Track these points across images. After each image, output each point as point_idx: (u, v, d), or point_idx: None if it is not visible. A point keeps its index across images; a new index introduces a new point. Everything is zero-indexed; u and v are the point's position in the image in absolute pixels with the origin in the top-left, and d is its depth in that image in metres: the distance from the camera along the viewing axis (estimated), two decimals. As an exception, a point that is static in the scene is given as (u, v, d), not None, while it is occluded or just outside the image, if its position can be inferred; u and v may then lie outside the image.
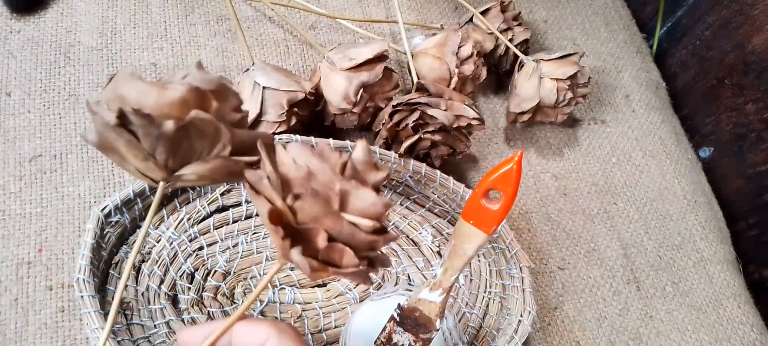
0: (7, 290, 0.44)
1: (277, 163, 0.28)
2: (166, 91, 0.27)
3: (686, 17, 0.69)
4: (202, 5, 0.60)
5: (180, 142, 0.28)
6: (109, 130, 0.28)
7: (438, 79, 0.55)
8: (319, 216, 0.27)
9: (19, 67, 0.52)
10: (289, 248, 0.26)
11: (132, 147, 0.28)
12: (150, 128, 0.27)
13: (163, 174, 0.30)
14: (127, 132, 0.28)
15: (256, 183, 0.27)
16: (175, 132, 0.27)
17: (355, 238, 0.27)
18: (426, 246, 0.52)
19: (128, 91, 0.27)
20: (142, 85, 0.27)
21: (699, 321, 0.55)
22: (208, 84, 0.28)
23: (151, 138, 0.28)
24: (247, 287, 0.47)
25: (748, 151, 0.62)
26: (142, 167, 0.29)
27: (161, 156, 0.28)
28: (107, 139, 0.29)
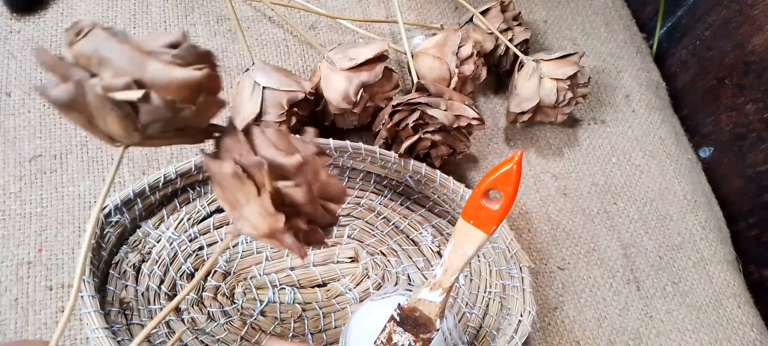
0: (7, 290, 0.44)
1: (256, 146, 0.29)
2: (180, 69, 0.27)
3: (686, 17, 0.69)
4: (202, 5, 0.60)
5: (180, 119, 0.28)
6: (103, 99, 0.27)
7: (438, 79, 0.55)
8: (303, 204, 0.29)
9: (19, 67, 0.52)
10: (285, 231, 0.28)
11: (123, 119, 0.27)
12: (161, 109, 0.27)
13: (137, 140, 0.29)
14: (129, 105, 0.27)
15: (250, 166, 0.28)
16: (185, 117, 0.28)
17: (322, 217, 0.31)
18: (426, 246, 0.52)
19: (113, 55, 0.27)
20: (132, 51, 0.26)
21: (699, 321, 0.55)
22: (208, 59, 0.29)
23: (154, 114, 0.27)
24: (247, 287, 0.47)
25: (748, 151, 0.62)
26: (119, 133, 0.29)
27: (152, 128, 0.28)
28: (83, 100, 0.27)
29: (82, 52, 0.27)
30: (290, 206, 0.30)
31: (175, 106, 0.27)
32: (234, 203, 0.30)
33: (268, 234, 0.29)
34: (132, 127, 0.28)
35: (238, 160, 0.28)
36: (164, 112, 0.27)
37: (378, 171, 0.51)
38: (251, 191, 0.28)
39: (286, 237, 0.29)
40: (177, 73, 0.27)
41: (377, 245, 0.52)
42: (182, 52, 0.28)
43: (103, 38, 0.27)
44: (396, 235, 0.53)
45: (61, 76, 0.27)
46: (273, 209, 0.28)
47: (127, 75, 0.26)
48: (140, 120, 0.28)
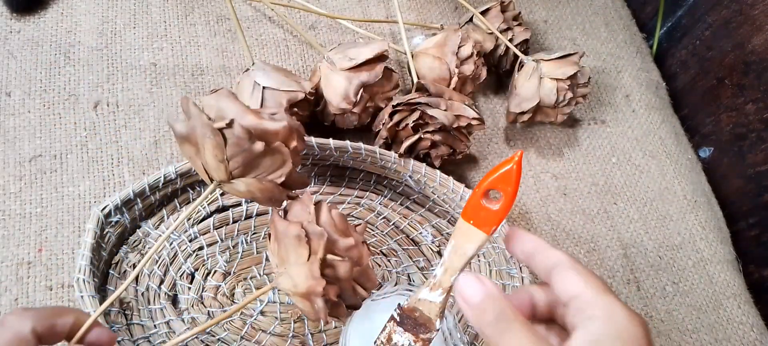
0: (7, 290, 0.44)
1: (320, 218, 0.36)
2: (267, 121, 0.36)
3: (686, 17, 0.69)
4: (202, 5, 0.60)
5: (255, 159, 0.36)
6: (206, 128, 0.35)
7: (438, 79, 0.55)
8: (343, 280, 0.36)
9: (19, 67, 0.52)
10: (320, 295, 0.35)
11: (217, 148, 0.35)
12: (243, 141, 0.35)
13: (224, 177, 0.37)
14: (221, 135, 0.35)
15: (312, 234, 0.35)
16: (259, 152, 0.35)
17: (350, 298, 0.38)
18: (426, 246, 0.52)
19: (228, 107, 0.35)
20: (241, 106, 0.36)
21: (699, 321, 0.55)
22: (295, 126, 0.37)
23: (237, 148, 0.35)
24: (247, 287, 0.47)
25: (748, 151, 0.62)
26: (212, 166, 0.36)
27: (234, 163, 0.36)
28: (194, 133, 0.35)
29: (208, 102, 0.36)
30: (330, 277, 0.35)
31: (250, 136, 0.35)
32: (284, 259, 0.36)
33: (305, 294, 0.35)
34: (220, 156, 0.35)
35: (305, 226, 0.35)
36: (244, 142, 0.35)
37: (378, 171, 0.51)
38: (304, 254, 0.34)
39: (319, 301, 0.35)
40: (263, 123, 0.36)
41: (377, 245, 0.52)
42: (276, 117, 0.37)
43: (225, 96, 0.36)
44: (396, 235, 0.53)
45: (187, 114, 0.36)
46: (319, 273, 0.34)
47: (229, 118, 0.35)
48: (227, 152, 0.35)
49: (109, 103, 0.52)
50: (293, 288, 0.36)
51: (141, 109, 0.53)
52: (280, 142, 0.36)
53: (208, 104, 0.36)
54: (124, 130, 0.51)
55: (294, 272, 0.35)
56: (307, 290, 0.35)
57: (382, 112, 0.52)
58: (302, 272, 0.34)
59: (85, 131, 0.51)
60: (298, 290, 0.35)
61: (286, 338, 0.46)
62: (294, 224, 0.35)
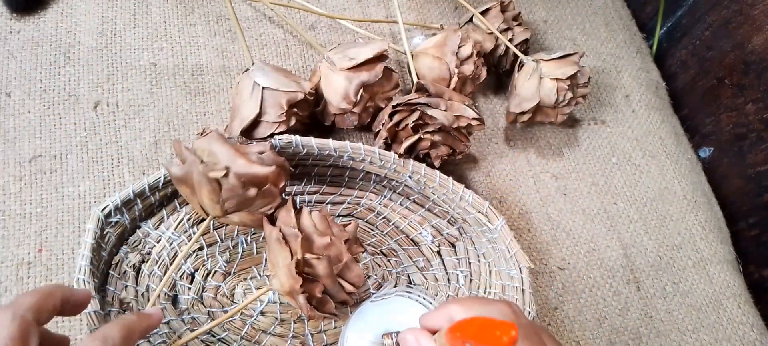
0: (7, 290, 0.44)
1: (301, 222, 0.39)
2: (258, 165, 0.39)
3: (686, 17, 0.69)
4: (202, 5, 0.60)
5: (248, 200, 0.39)
6: (202, 176, 0.38)
7: (438, 79, 0.55)
8: (322, 276, 0.38)
9: (19, 67, 0.52)
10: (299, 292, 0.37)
11: (213, 193, 0.39)
12: (237, 188, 0.38)
13: (220, 214, 0.40)
14: (216, 182, 0.38)
15: (289, 236, 0.38)
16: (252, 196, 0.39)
17: (337, 294, 0.40)
18: (426, 246, 0.52)
19: (219, 151, 0.39)
20: (231, 150, 0.39)
21: (699, 321, 0.55)
22: (280, 164, 0.41)
23: (231, 192, 0.39)
24: (247, 288, 0.47)
25: (748, 151, 0.62)
26: (208, 205, 0.40)
27: (229, 204, 0.39)
28: (191, 177, 0.39)
29: (200, 146, 0.40)
30: (312, 275, 0.38)
31: (244, 185, 0.38)
32: (274, 263, 0.39)
33: (288, 291, 0.38)
34: (216, 199, 0.39)
35: (283, 229, 0.38)
36: (238, 189, 0.38)
37: (378, 171, 0.51)
38: (286, 255, 0.37)
39: (300, 297, 0.37)
40: (253, 168, 0.39)
41: (377, 245, 0.52)
42: (264, 157, 0.41)
43: (215, 139, 0.39)
44: (396, 235, 0.53)
45: (181, 158, 0.40)
46: (294, 272, 0.36)
47: (222, 165, 0.38)
48: (222, 195, 0.39)
49: (109, 103, 0.52)
50: (281, 288, 0.38)
51: (141, 109, 0.53)
52: (270, 185, 0.39)
53: (200, 147, 0.39)
54: (124, 130, 0.52)
55: (280, 273, 0.38)
56: (289, 289, 0.37)
57: (381, 112, 0.52)
58: (284, 273, 0.37)
59: (85, 131, 0.51)
60: (284, 289, 0.38)
61: (286, 338, 0.46)
62: (275, 229, 0.38)
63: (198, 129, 0.53)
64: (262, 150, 0.42)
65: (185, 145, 0.40)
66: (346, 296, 0.40)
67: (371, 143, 0.53)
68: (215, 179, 0.38)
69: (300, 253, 0.37)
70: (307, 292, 0.38)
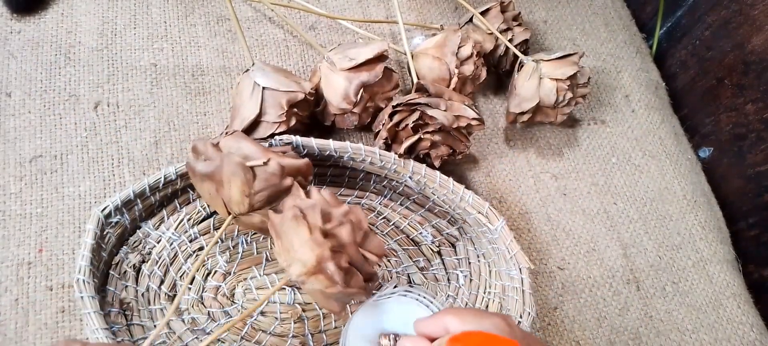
0: (8, 290, 0.44)
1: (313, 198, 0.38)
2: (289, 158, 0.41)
3: (686, 17, 0.69)
4: (202, 6, 0.60)
5: (278, 193, 0.40)
6: (238, 167, 0.38)
7: (438, 80, 0.55)
8: (347, 244, 0.37)
9: (19, 67, 0.52)
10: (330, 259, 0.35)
11: (245, 184, 0.39)
12: (275, 177, 0.39)
13: (245, 210, 0.40)
14: (252, 172, 0.39)
15: (306, 209, 0.37)
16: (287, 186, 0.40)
17: (363, 266, 0.38)
18: (426, 246, 0.52)
19: (248, 148, 0.40)
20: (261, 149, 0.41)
21: (699, 321, 0.55)
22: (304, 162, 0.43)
23: (266, 183, 0.39)
24: (247, 288, 0.47)
25: (748, 151, 0.62)
26: (236, 200, 0.40)
27: (259, 197, 0.39)
28: (220, 171, 0.39)
29: (227, 144, 0.41)
30: (336, 246, 0.36)
31: (284, 174, 0.39)
32: (288, 248, 0.37)
33: (316, 266, 0.35)
34: (247, 191, 0.39)
35: (297, 203, 0.37)
36: (275, 179, 0.39)
37: (378, 171, 0.51)
38: (304, 232, 0.36)
39: (330, 265, 0.35)
40: (287, 159, 0.40)
41: (377, 245, 0.52)
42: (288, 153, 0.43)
43: (242, 138, 0.41)
44: (396, 235, 0.53)
45: (206, 156, 0.41)
46: (322, 239, 0.35)
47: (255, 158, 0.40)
48: (254, 186, 0.39)
49: (109, 103, 0.53)
50: (304, 267, 0.35)
51: (141, 109, 0.53)
52: (302, 177, 0.41)
53: (227, 145, 0.41)
54: (125, 130, 0.52)
55: (300, 253, 0.35)
56: (317, 261, 0.35)
57: (382, 112, 0.52)
58: (307, 248, 0.35)
59: (85, 132, 0.51)
60: (309, 267, 0.35)
61: (286, 338, 0.46)
62: (289, 209, 0.37)
63: (198, 129, 0.53)
64: (285, 150, 0.43)
65: (210, 142, 0.41)
66: (371, 269, 0.39)
67: (371, 143, 0.53)
68: (251, 169, 0.38)
69: (320, 222, 0.36)
70: (335, 261, 0.36)
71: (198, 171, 0.40)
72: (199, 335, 0.44)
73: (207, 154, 0.40)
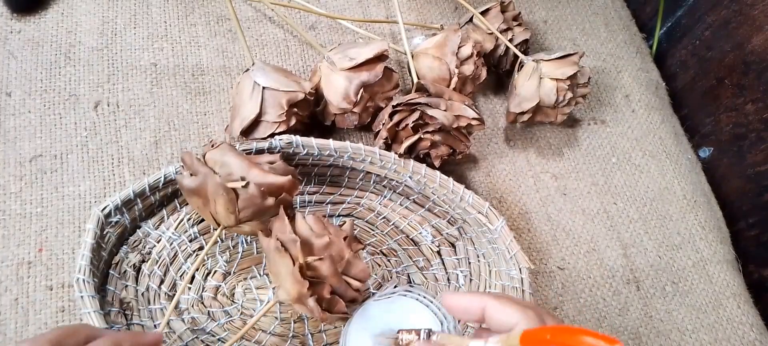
0: (8, 289, 0.44)
1: (296, 227, 0.39)
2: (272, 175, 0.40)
3: (686, 17, 0.69)
4: (202, 5, 0.60)
5: (264, 209, 0.40)
6: (219, 187, 0.39)
7: (438, 80, 0.55)
8: (329, 275, 0.37)
9: (19, 67, 0.52)
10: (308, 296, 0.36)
11: (229, 203, 0.39)
12: (256, 198, 0.39)
13: (233, 224, 0.41)
14: (234, 192, 0.39)
15: (287, 243, 0.37)
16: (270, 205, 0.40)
17: (345, 292, 0.39)
18: (426, 246, 0.52)
19: (232, 163, 0.40)
20: (244, 161, 0.40)
21: (699, 321, 0.55)
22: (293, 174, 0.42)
23: (248, 202, 0.39)
24: (247, 287, 0.47)
25: (748, 151, 0.62)
26: (222, 216, 0.40)
27: (244, 213, 0.40)
28: (204, 188, 0.39)
29: (212, 158, 0.40)
30: (317, 277, 0.38)
31: (264, 195, 0.39)
32: (276, 274, 0.38)
33: (297, 298, 0.37)
34: (232, 209, 0.39)
35: (279, 237, 0.37)
36: (256, 199, 0.39)
37: (378, 171, 0.51)
38: (288, 263, 0.36)
39: (310, 301, 0.36)
40: (269, 177, 0.40)
41: (377, 244, 0.52)
42: (275, 167, 0.42)
43: (227, 151, 0.40)
44: (396, 235, 0.53)
45: (192, 170, 0.40)
46: (300, 277, 0.36)
47: (238, 175, 0.39)
48: (238, 205, 0.39)
49: (109, 103, 0.53)
50: (287, 297, 0.38)
51: (141, 109, 0.53)
52: (286, 194, 0.41)
53: (212, 159, 0.40)
54: (125, 130, 0.52)
55: (285, 282, 0.37)
56: (297, 295, 0.37)
57: (382, 112, 0.52)
58: (289, 280, 0.36)
59: (85, 131, 0.51)
60: (291, 297, 0.37)
61: (286, 338, 0.46)
62: (272, 239, 0.37)
63: (198, 129, 0.53)
64: (273, 160, 0.42)
65: (196, 157, 0.41)
66: (355, 293, 0.40)
67: (371, 143, 0.53)
68: (233, 190, 0.39)
69: (301, 257, 0.37)
70: (316, 295, 0.37)
71: (184, 186, 0.40)
72: (198, 334, 0.44)
73: (193, 169, 0.40)
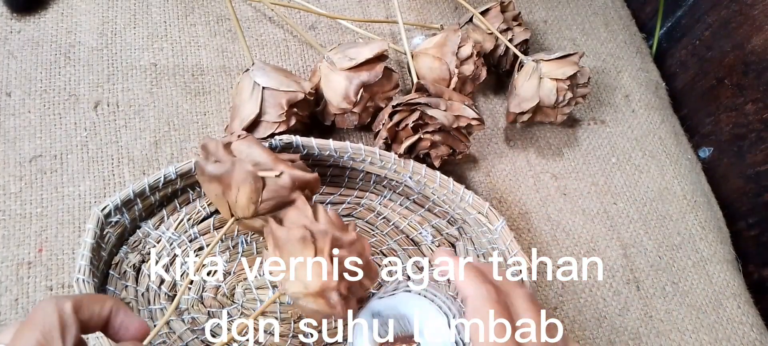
0: (8, 290, 0.44)
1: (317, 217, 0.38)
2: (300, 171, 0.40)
3: (686, 17, 0.69)
4: (202, 5, 0.60)
5: (285, 202, 0.40)
6: (249, 175, 0.38)
7: (438, 80, 0.55)
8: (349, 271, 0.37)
9: (19, 67, 0.52)
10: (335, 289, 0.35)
11: (254, 192, 0.39)
12: (285, 190, 0.39)
13: (250, 215, 0.40)
14: (262, 182, 0.39)
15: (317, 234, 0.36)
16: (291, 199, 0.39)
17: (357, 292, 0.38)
18: (426, 246, 0.52)
19: (260, 156, 0.40)
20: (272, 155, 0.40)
21: (699, 321, 0.55)
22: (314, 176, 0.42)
23: (274, 193, 0.39)
24: (247, 287, 0.47)
25: (747, 151, 0.62)
26: (242, 205, 0.40)
27: (265, 205, 0.39)
28: (230, 176, 0.39)
29: (238, 148, 0.41)
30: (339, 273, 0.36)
31: (294, 188, 0.39)
32: (289, 265, 0.36)
33: (318, 291, 0.35)
34: (255, 199, 0.39)
35: (309, 226, 0.36)
36: (284, 191, 0.39)
37: (378, 171, 0.51)
38: (310, 254, 0.35)
39: (334, 295, 0.35)
40: (298, 172, 0.40)
41: (377, 244, 0.52)
42: (297, 164, 0.42)
43: (254, 143, 0.41)
44: (396, 235, 0.53)
45: (217, 157, 0.40)
46: (332, 268, 0.35)
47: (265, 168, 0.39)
48: (263, 195, 0.39)
49: (109, 103, 0.53)
50: (304, 290, 0.36)
51: (141, 109, 0.53)
52: (309, 191, 0.41)
53: (239, 149, 0.41)
54: (125, 130, 0.52)
55: (302, 274, 0.35)
56: (321, 288, 0.35)
57: (381, 112, 0.52)
58: (312, 273, 0.35)
59: (85, 131, 0.51)
60: (310, 291, 0.35)
61: (286, 338, 0.46)
62: (297, 228, 0.36)
63: (198, 129, 0.53)
64: (293, 159, 0.42)
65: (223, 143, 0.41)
66: (364, 294, 0.40)
67: (371, 143, 0.53)
68: (262, 179, 0.39)
69: (327, 250, 0.36)
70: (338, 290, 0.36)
71: (207, 172, 0.40)
72: (198, 334, 0.44)
73: (217, 156, 0.40)
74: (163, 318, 0.40)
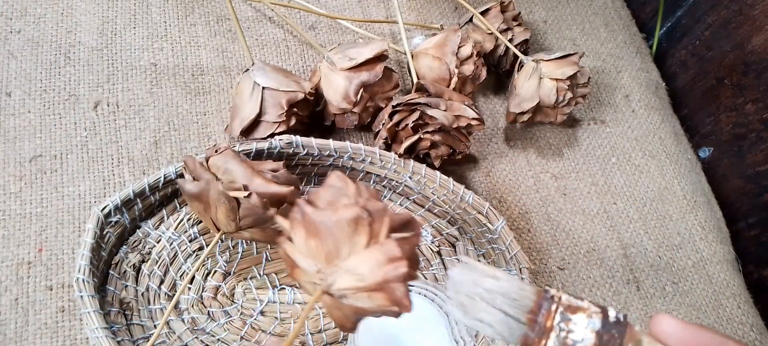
0: (7, 290, 0.44)
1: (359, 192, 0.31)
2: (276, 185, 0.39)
3: (686, 17, 0.69)
4: (202, 5, 0.60)
5: (265, 217, 0.39)
6: (221, 196, 0.38)
7: (438, 80, 0.55)
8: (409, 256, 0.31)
9: (19, 67, 0.52)
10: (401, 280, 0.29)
11: (231, 212, 0.39)
12: (257, 208, 0.38)
13: (234, 230, 0.40)
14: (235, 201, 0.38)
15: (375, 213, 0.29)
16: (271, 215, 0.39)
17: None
18: (426, 246, 0.52)
19: (236, 170, 0.39)
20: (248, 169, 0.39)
21: (699, 321, 0.55)
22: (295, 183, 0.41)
23: (250, 211, 0.39)
24: (247, 287, 0.47)
25: (748, 151, 0.62)
26: (223, 222, 0.40)
27: (245, 222, 0.39)
28: (206, 195, 0.39)
29: (215, 163, 0.40)
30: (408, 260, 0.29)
31: (266, 205, 0.38)
32: (334, 254, 0.28)
33: (380, 283, 0.28)
34: (232, 217, 0.39)
35: (364, 204, 0.28)
36: (258, 209, 0.38)
37: (378, 172, 0.51)
38: (362, 240, 0.28)
39: (399, 286, 0.27)
40: (272, 187, 0.39)
41: (377, 245, 0.51)
42: (278, 175, 0.41)
43: (231, 157, 0.40)
44: (396, 235, 0.52)
45: (195, 175, 0.40)
46: (399, 255, 0.27)
47: (241, 183, 0.38)
48: (240, 213, 0.39)
49: (109, 103, 0.53)
50: (359, 282, 0.28)
51: (141, 109, 0.53)
52: (287, 204, 0.39)
53: (215, 164, 0.39)
54: (125, 130, 0.52)
55: (354, 263, 0.28)
56: (383, 279, 0.28)
57: (381, 112, 0.52)
58: (369, 260, 0.28)
59: (85, 131, 0.51)
60: (368, 282, 0.28)
61: (286, 337, 0.46)
62: (347, 208, 0.28)
63: (198, 129, 0.53)
64: (276, 168, 0.41)
65: (199, 162, 0.40)
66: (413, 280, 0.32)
67: (371, 143, 0.53)
68: (235, 199, 0.38)
69: (385, 233, 0.28)
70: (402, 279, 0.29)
71: (186, 190, 0.40)
72: (198, 334, 0.44)
73: (196, 173, 0.40)
74: (163, 318, 0.40)
